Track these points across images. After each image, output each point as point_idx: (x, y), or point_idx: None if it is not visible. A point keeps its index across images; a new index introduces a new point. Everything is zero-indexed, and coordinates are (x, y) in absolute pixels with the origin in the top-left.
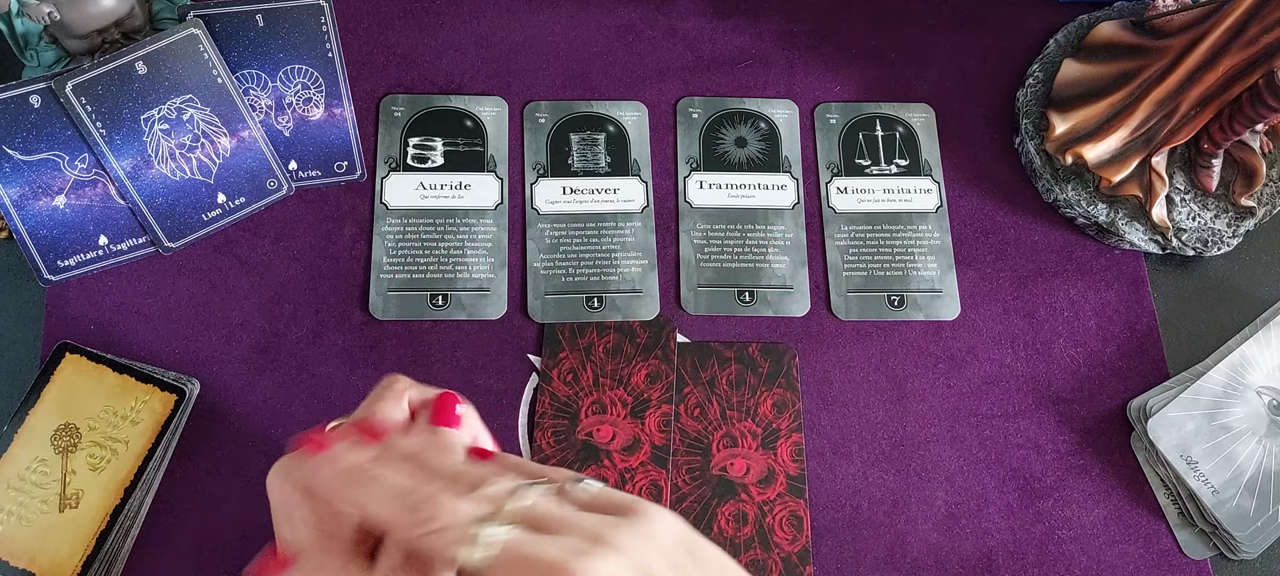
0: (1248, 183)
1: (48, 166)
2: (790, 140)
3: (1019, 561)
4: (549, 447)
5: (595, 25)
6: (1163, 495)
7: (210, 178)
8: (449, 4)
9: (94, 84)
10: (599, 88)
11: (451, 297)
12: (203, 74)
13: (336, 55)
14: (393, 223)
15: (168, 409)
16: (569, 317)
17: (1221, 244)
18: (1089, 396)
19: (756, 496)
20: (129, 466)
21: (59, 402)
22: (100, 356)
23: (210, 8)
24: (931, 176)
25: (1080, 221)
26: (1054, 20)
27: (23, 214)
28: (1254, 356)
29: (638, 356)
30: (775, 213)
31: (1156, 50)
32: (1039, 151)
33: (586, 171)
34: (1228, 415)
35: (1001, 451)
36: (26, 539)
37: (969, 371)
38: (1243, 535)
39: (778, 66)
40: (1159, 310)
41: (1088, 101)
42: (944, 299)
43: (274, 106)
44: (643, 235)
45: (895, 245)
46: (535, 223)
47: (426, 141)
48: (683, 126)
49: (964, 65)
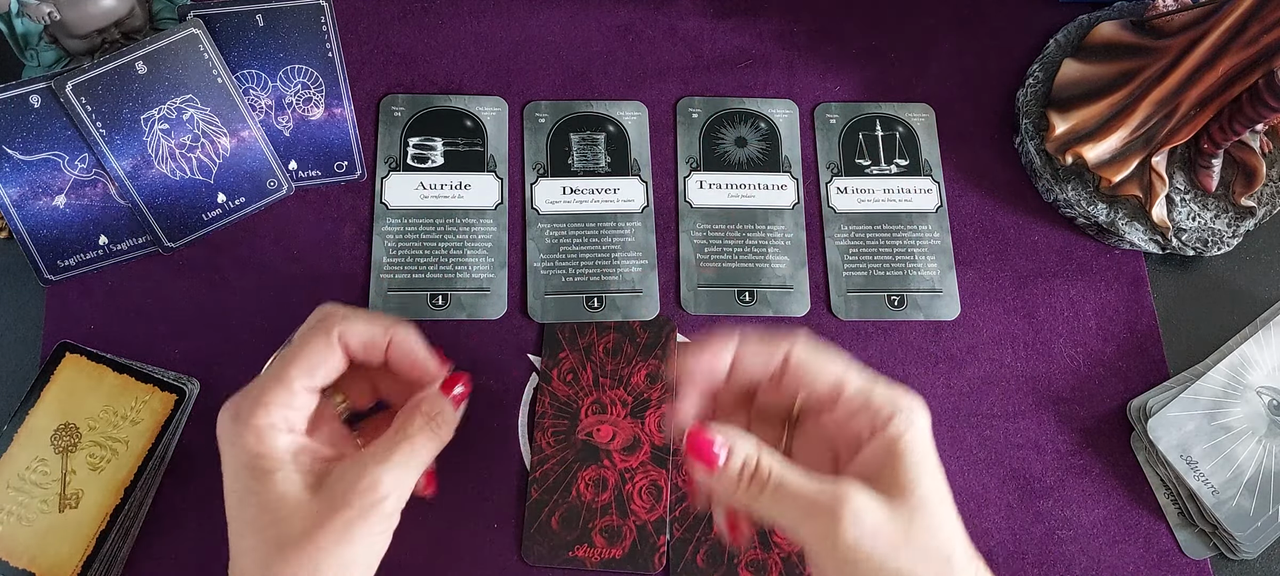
0: (1248, 183)
1: (48, 166)
2: (790, 140)
3: (1019, 561)
4: (549, 447)
5: (595, 25)
6: (1163, 495)
7: (210, 178)
8: (449, 4)
9: (94, 84)
10: (599, 88)
11: (451, 297)
12: (203, 74)
13: (336, 55)
14: (393, 223)
15: (168, 409)
16: (569, 317)
17: (1221, 244)
18: (1089, 396)
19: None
20: (129, 466)
21: (59, 402)
22: (100, 356)
23: (210, 8)
24: (931, 176)
25: (1080, 221)
26: (1054, 20)
27: (23, 214)
28: (1254, 356)
29: (638, 356)
30: (775, 213)
31: (1156, 50)
32: (1039, 151)
33: (586, 171)
34: (1228, 415)
35: (1001, 451)
36: (26, 539)
37: (969, 371)
38: (1243, 535)
39: (778, 66)
40: (1159, 310)
41: (1088, 101)
42: (944, 299)
43: (274, 106)
44: (643, 235)
45: (895, 245)
46: (535, 223)
47: (426, 141)
48: (683, 126)
49: (964, 65)
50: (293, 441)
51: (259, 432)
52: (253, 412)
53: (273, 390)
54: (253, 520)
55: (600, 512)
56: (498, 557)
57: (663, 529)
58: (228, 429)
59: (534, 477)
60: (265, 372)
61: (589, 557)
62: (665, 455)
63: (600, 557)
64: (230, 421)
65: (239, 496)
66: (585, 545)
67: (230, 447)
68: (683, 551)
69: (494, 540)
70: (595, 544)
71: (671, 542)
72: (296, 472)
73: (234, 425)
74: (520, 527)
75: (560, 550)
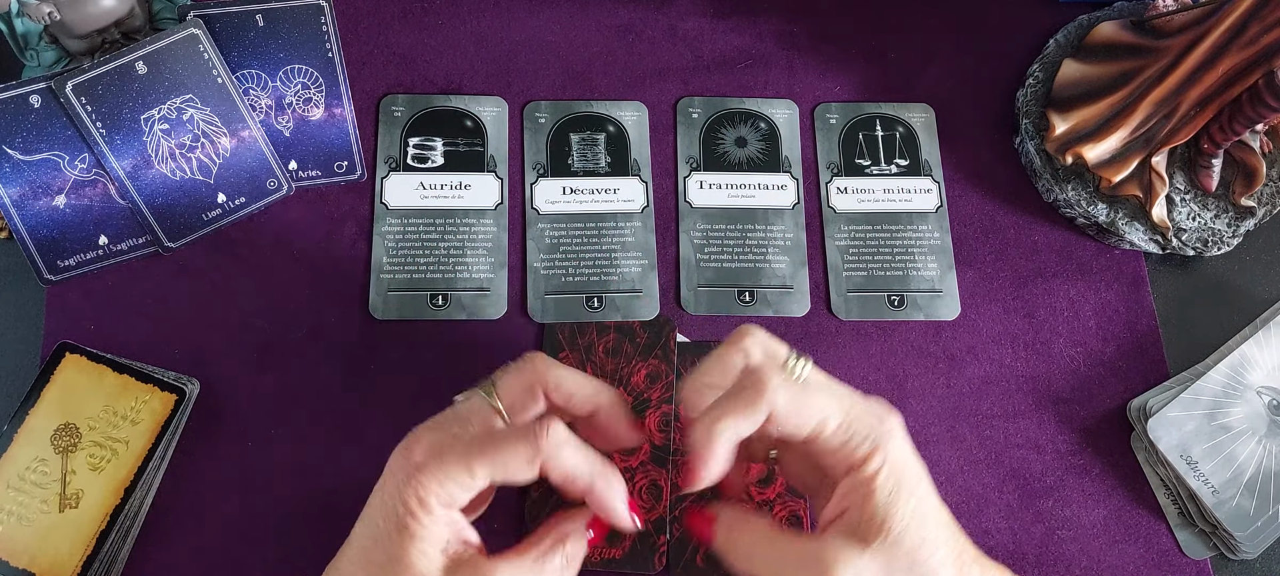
0: (1248, 183)
1: (48, 166)
2: (790, 140)
3: (1019, 561)
4: None
5: (595, 25)
6: (1163, 495)
7: (210, 177)
8: (449, 4)
9: (94, 84)
10: (599, 88)
11: (451, 297)
12: (203, 74)
13: (336, 55)
14: (393, 223)
15: (168, 409)
16: (569, 317)
17: (1221, 244)
18: (1089, 396)
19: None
20: (129, 466)
21: (59, 402)
22: (100, 356)
23: (210, 8)
24: (931, 176)
25: (1080, 221)
26: (1054, 20)
27: (23, 214)
28: (1254, 356)
29: (638, 356)
30: (775, 213)
31: (1156, 50)
32: (1039, 151)
33: (586, 171)
34: (1228, 415)
35: (1001, 451)
36: (26, 539)
37: (969, 371)
38: (1243, 535)
39: (778, 66)
40: (1159, 310)
41: (1088, 101)
42: (944, 299)
43: (274, 106)
44: (643, 235)
45: (895, 245)
46: (535, 222)
47: (426, 141)
48: (683, 126)
49: (964, 65)
50: (447, 515)
51: (422, 495)
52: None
53: (455, 469)
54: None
55: None
56: None
57: (662, 528)
58: (399, 468)
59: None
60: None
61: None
62: (665, 455)
63: (600, 557)
64: (402, 461)
65: (373, 534)
66: None
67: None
68: (682, 551)
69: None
70: None
71: (671, 542)
72: (436, 550)
73: (407, 467)
74: (521, 527)
75: None
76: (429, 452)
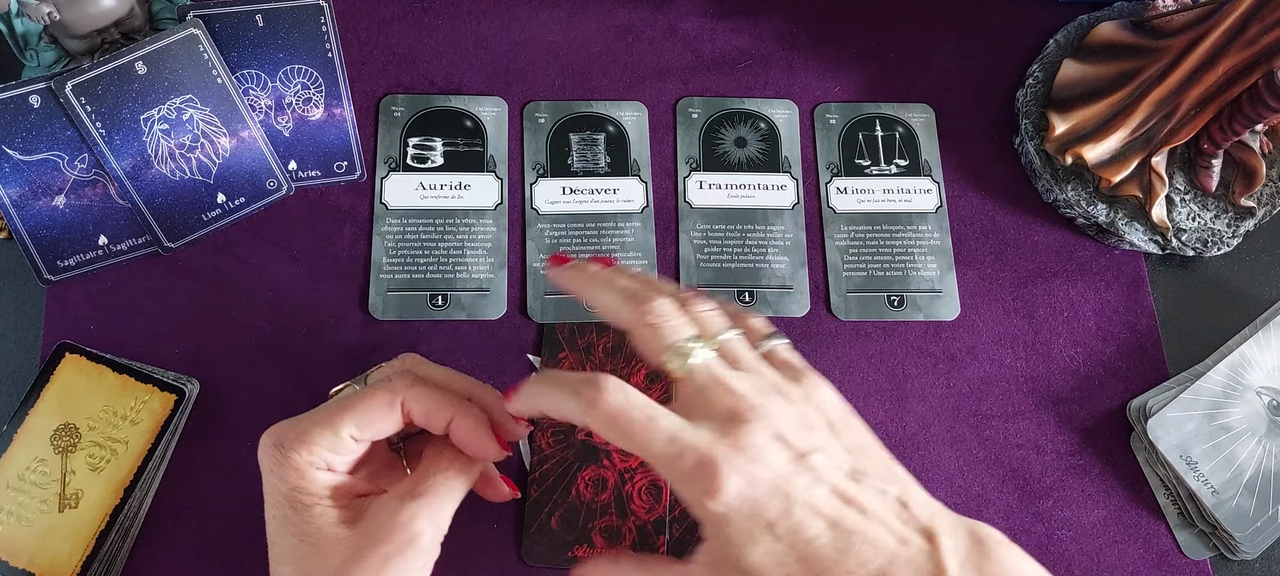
0: (1248, 183)
1: (48, 166)
2: (790, 140)
3: None
4: (549, 448)
5: (595, 25)
6: (1163, 495)
7: (210, 178)
8: (449, 4)
9: (94, 84)
10: (599, 88)
11: (451, 298)
12: (202, 74)
13: (336, 55)
14: (392, 223)
15: (167, 409)
16: (569, 318)
17: (1221, 244)
18: (1089, 396)
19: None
20: (129, 466)
21: (59, 402)
22: (100, 356)
23: (210, 8)
24: (931, 176)
25: (1080, 221)
26: (1054, 20)
27: (22, 214)
28: (1254, 356)
29: (637, 356)
30: (775, 213)
31: (1156, 50)
32: (1039, 151)
33: (586, 171)
34: (1228, 415)
35: (1001, 451)
36: (26, 539)
37: (969, 371)
38: (1243, 535)
39: (778, 66)
40: (1159, 310)
41: (1088, 101)
42: (944, 299)
43: (274, 106)
44: (642, 235)
45: (895, 245)
46: (535, 223)
47: (426, 141)
48: (682, 126)
49: (964, 65)
50: (332, 478)
51: (299, 469)
52: (295, 448)
53: (319, 433)
54: (291, 549)
55: (600, 513)
56: (497, 558)
57: (662, 529)
58: (269, 457)
59: (533, 478)
60: (321, 408)
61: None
62: None
63: None
64: (272, 448)
65: (278, 523)
66: (585, 545)
67: (270, 475)
68: (682, 551)
69: (493, 540)
70: (595, 544)
71: (671, 542)
72: (335, 508)
73: (275, 453)
74: (520, 528)
75: (560, 550)
76: (287, 431)
